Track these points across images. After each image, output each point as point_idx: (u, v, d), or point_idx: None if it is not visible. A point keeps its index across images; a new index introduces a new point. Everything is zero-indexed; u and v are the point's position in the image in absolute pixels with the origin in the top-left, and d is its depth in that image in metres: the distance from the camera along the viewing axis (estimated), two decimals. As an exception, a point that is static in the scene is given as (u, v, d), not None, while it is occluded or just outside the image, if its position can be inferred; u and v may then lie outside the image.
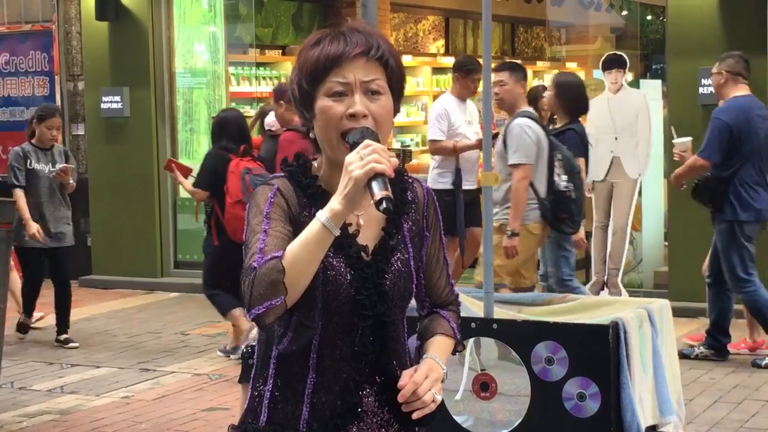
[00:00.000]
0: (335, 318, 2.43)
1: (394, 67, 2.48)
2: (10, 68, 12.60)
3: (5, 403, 7.08)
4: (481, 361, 5.69)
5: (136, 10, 11.92)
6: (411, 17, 17.48)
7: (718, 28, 9.56)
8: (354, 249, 2.45)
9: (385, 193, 2.25)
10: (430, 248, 2.62)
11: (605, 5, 14.80)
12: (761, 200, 7.66)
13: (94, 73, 12.07)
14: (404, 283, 2.51)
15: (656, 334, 5.00)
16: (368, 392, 2.48)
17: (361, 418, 2.48)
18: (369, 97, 2.43)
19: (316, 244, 2.29)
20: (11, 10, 12.67)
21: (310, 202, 2.46)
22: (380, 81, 2.44)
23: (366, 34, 2.47)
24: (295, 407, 2.46)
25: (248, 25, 13.25)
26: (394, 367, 2.51)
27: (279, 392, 2.48)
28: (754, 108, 7.72)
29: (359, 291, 2.43)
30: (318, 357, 2.45)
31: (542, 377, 4.79)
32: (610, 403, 4.68)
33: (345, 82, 2.41)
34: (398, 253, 2.51)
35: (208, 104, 12.71)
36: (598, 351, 4.71)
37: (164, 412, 7.00)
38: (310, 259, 2.30)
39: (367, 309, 2.43)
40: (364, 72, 2.42)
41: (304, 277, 2.31)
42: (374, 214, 2.44)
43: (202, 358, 8.41)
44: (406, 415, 2.45)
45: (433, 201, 2.64)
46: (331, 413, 2.44)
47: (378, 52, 2.45)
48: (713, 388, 7.25)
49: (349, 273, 2.43)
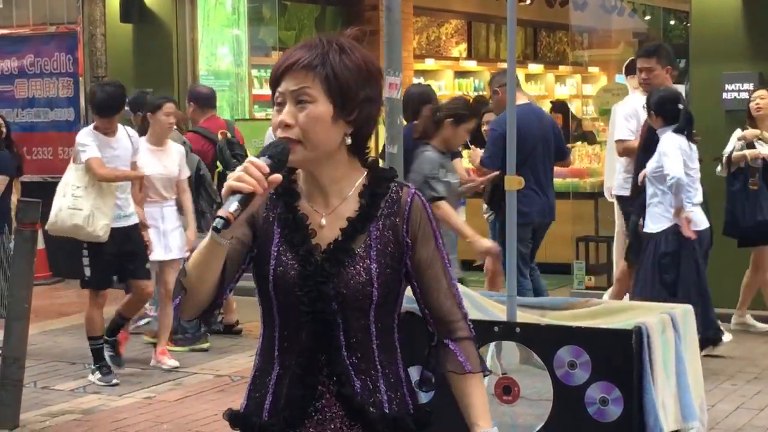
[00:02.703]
0: (290, 313, 2.55)
1: (332, 75, 2.49)
2: (35, 69, 12.67)
3: (28, 402, 7.12)
4: (503, 365, 5.70)
5: (160, 13, 11.98)
6: (434, 21, 17.50)
7: (741, 32, 9.53)
8: (304, 247, 2.54)
9: (224, 212, 2.33)
10: (419, 256, 2.59)
11: (628, 10, 14.78)
12: (530, 204, 7.93)
13: (118, 75, 12.08)
14: (360, 287, 2.52)
15: (679, 339, 5.00)
16: (325, 389, 2.55)
17: (320, 412, 2.55)
18: (297, 107, 2.50)
19: (207, 251, 2.43)
20: (36, 12, 12.74)
21: (277, 200, 2.58)
22: (309, 89, 2.49)
23: (314, 46, 2.52)
24: (262, 396, 2.61)
25: (271, 28, 13.31)
26: (347, 368, 2.54)
27: (255, 381, 2.65)
28: (530, 115, 8.11)
29: (300, 288, 2.52)
30: (279, 350, 2.59)
31: (565, 381, 4.79)
32: (632, 408, 4.67)
33: (281, 92, 2.52)
34: (357, 257, 2.53)
35: (231, 107, 12.76)
36: (621, 356, 4.70)
37: (186, 412, 7.03)
38: (203, 264, 2.45)
39: (305, 305, 2.51)
40: (294, 82, 2.50)
41: (201, 281, 2.47)
42: (341, 215, 2.55)
43: (224, 359, 8.44)
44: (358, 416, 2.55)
45: (420, 208, 2.60)
46: (286, 403, 2.56)
47: (303, 62, 2.50)
48: (735, 394, 7.23)
49: (295, 270, 2.53)
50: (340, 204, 2.56)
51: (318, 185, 2.57)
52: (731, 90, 9.13)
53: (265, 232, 2.57)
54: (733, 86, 9.14)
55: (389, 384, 2.58)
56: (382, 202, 2.57)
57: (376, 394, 2.56)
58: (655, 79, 8.09)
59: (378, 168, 2.63)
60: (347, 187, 2.57)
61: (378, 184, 2.58)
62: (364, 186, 2.58)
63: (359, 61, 2.53)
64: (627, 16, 14.82)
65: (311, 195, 2.58)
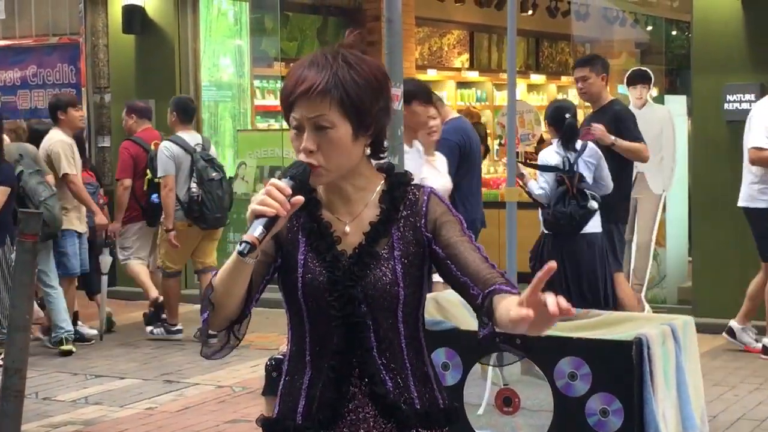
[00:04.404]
0: (320, 318, 2.60)
1: (345, 97, 2.52)
2: (38, 80, 12.69)
3: (30, 413, 7.11)
4: (504, 376, 5.70)
5: (162, 23, 12.00)
6: (436, 31, 17.51)
7: (743, 43, 9.53)
8: (331, 254, 2.60)
9: (249, 237, 2.36)
10: (446, 239, 2.62)
11: (630, 20, 14.78)
12: (475, 211, 8.12)
13: (121, 86, 12.16)
14: (387, 288, 2.59)
15: (680, 350, 4.99)
16: (356, 390, 2.61)
17: (352, 413, 2.61)
18: (317, 133, 2.52)
19: (233, 268, 2.46)
20: (39, 23, 12.78)
21: (300, 212, 2.58)
22: (326, 116, 2.51)
23: (322, 65, 2.53)
24: (295, 400, 2.65)
25: (273, 39, 13.32)
26: (379, 367, 2.61)
27: (286, 387, 2.69)
28: (470, 125, 8.46)
29: (330, 293, 2.58)
30: (311, 354, 2.64)
31: (565, 393, 4.79)
32: (633, 419, 4.67)
33: (297, 117, 2.55)
34: (382, 260, 2.60)
35: (233, 117, 12.78)
36: (622, 367, 4.70)
37: (187, 423, 7.03)
38: (229, 282, 2.48)
39: (336, 309, 2.57)
40: (309, 109, 2.52)
41: (228, 296, 2.50)
42: (364, 221, 2.62)
43: (225, 370, 8.44)
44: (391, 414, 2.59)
45: (437, 203, 2.66)
46: (319, 406, 2.61)
47: (316, 88, 2.51)
48: (737, 405, 7.22)
49: (324, 276, 2.59)
50: (363, 210, 2.64)
51: (341, 195, 2.64)
52: (733, 101, 9.13)
53: (291, 241, 2.64)
54: (734, 97, 9.14)
55: (418, 381, 2.65)
56: (401, 205, 2.65)
57: (407, 392, 2.63)
58: (590, 87, 8.35)
59: (394, 173, 2.70)
60: (369, 193, 2.65)
61: (396, 188, 2.66)
62: (383, 191, 2.65)
63: (368, 73, 2.56)
64: (629, 27, 14.82)
65: (332, 204, 2.66)
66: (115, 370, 8.54)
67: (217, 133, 12.55)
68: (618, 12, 14.58)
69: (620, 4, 14.57)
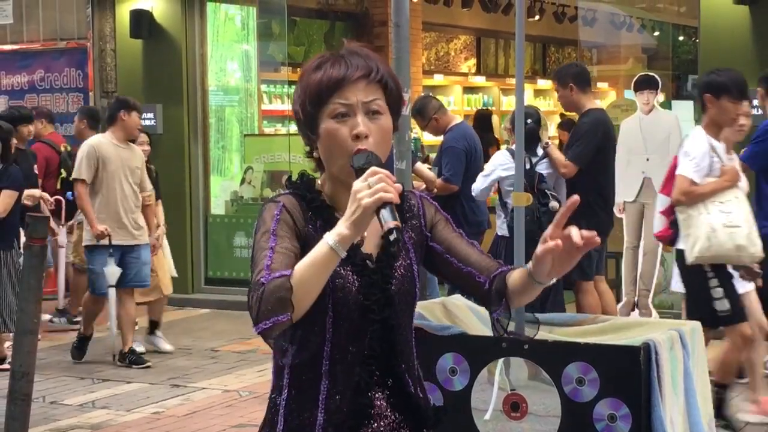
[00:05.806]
0: (345, 324, 2.53)
1: (393, 89, 2.58)
2: (45, 85, 12.72)
3: (37, 417, 7.12)
4: (511, 381, 5.69)
5: (170, 28, 12.02)
6: (443, 36, 17.53)
7: (750, 48, 9.54)
8: (359, 257, 2.56)
9: (394, 223, 2.33)
10: (443, 235, 2.71)
11: (637, 25, 14.78)
12: (481, 213, 8.79)
13: (128, 90, 12.15)
14: (409, 287, 2.62)
15: (688, 356, 4.98)
16: (379, 395, 2.58)
17: (374, 420, 2.57)
18: (370, 117, 2.52)
19: (323, 265, 2.39)
20: (47, 28, 12.80)
21: (315, 216, 2.58)
22: (380, 101, 2.54)
23: (365, 57, 2.57)
24: (310, 413, 2.55)
25: (281, 44, 13.34)
26: (403, 370, 2.60)
27: (294, 400, 2.57)
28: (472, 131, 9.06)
29: (367, 296, 2.53)
30: (330, 363, 2.54)
31: (573, 398, 4.78)
32: (641, 424, 4.66)
33: (348, 103, 2.51)
34: (401, 260, 2.62)
35: (240, 122, 12.79)
36: (630, 372, 4.69)
37: (194, 428, 7.03)
38: (317, 280, 2.40)
39: (375, 313, 2.54)
40: (365, 93, 2.52)
41: (310, 295, 2.40)
42: (376, 225, 2.54)
43: (232, 374, 8.45)
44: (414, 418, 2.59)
45: (429, 204, 2.76)
46: (344, 416, 2.53)
47: (378, 75, 2.55)
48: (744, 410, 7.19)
49: (357, 280, 2.54)
50: None
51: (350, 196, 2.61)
52: (740, 106, 9.07)
53: (311, 247, 2.54)
54: (741, 102, 9.10)
55: (420, 380, 2.68)
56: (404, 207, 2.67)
57: (421, 392, 2.66)
58: (562, 100, 8.30)
59: None
60: None
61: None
62: None
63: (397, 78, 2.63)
64: (636, 32, 14.82)
65: (341, 206, 2.58)
66: (121, 374, 8.54)
67: (224, 137, 12.56)
68: (625, 17, 14.58)
69: (627, 10, 14.57)
